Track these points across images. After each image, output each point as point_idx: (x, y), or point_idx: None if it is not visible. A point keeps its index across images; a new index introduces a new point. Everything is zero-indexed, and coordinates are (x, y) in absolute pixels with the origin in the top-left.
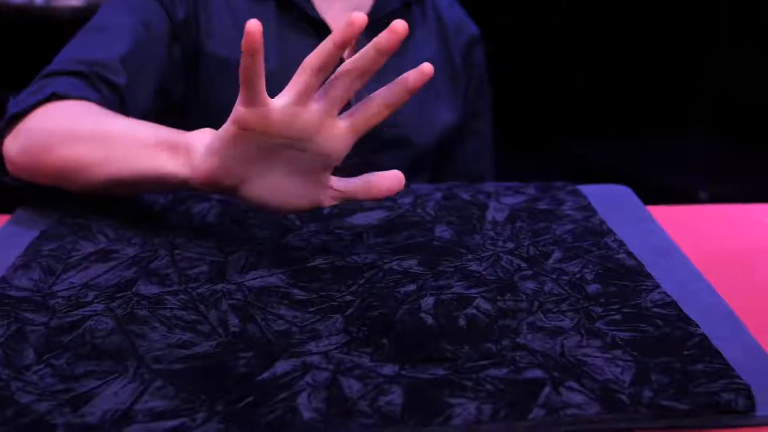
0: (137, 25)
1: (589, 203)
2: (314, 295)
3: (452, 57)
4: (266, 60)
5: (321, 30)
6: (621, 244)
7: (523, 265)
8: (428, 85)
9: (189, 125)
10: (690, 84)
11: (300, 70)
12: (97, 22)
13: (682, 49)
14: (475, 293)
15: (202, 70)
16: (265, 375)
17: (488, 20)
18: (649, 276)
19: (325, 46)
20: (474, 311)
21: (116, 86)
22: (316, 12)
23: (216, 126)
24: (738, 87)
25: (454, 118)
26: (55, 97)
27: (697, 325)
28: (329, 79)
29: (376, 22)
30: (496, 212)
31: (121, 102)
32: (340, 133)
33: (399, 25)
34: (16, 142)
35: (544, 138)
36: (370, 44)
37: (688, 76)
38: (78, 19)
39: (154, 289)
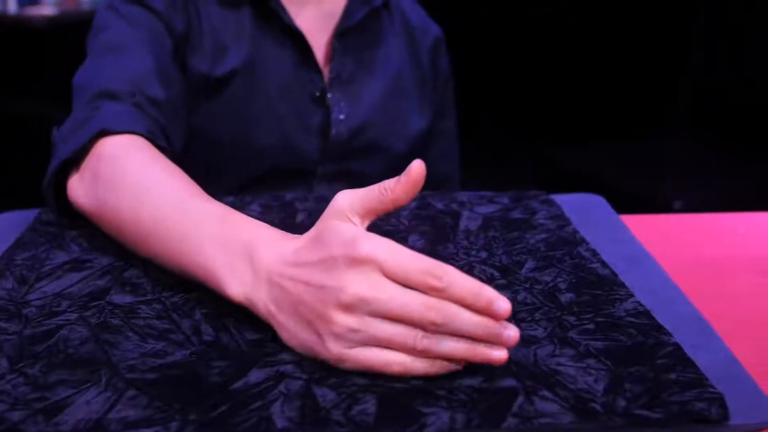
0: (149, 38)
1: (563, 212)
2: None
3: (420, 59)
4: (236, 57)
5: (294, 36)
6: (594, 253)
7: (497, 274)
8: (399, 92)
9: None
10: (665, 92)
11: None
12: (108, 43)
13: (658, 55)
14: None
15: (190, 89)
16: (239, 384)
17: (462, 25)
18: (622, 285)
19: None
20: None
21: (159, 102)
22: (291, 19)
23: (194, 147)
24: (713, 94)
25: (425, 121)
26: (104, 133)
27: (670, 334)
28: None
29: (346, 30)
30: (469, 221)
31: (167, 119)
32: None
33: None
34: (82, 186)
35: (517, 146)
36: None
37: (663, 85)
38: (51, 27)
39: (128, 299)
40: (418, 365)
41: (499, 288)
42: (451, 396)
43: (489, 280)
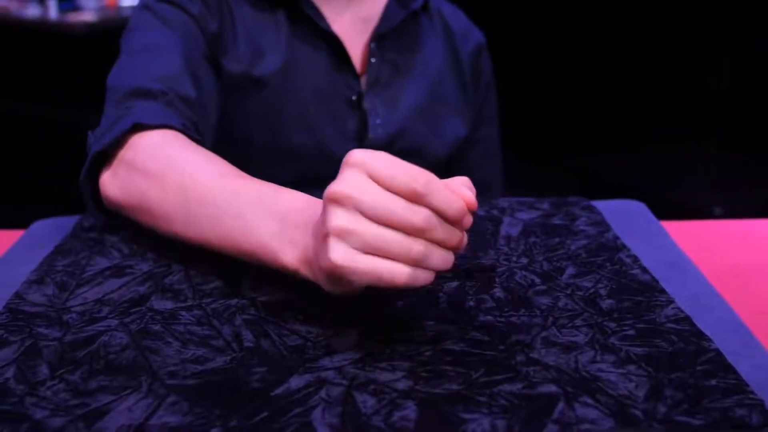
0: (183, 39)
1: (603, 219)
2: (328, 310)
3: (461, 65)
4: (272, 61)
5: (330, 40)
6: (635, 259)
7: (537, 280)
8: (438, 97)
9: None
10: (705, 98)
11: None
12: (142, 43)
13: (697, 60)
14: (489, 308)
15: (224, 91)
16: (279, 390)
17: (502, 33)
18: (663, 291)
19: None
20: (488, 326)
21: (191, 100)
22: (327, 23)
23: (227, 150)
24: (753, 101)
25: (464, 128)
26: (137, 127)
27: (710, 340)
28: None
29: (384, 34)
30: (510, 227)
31: (199, 117)
32: None
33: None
34: (116, 182)
35: (558, 153)
36: None
37: (704, 91)
38: (91, 33)
39: (168, 305)
40: (421, 275)
41: (539, 294)
42: (491, 402)
43: (529, 286)
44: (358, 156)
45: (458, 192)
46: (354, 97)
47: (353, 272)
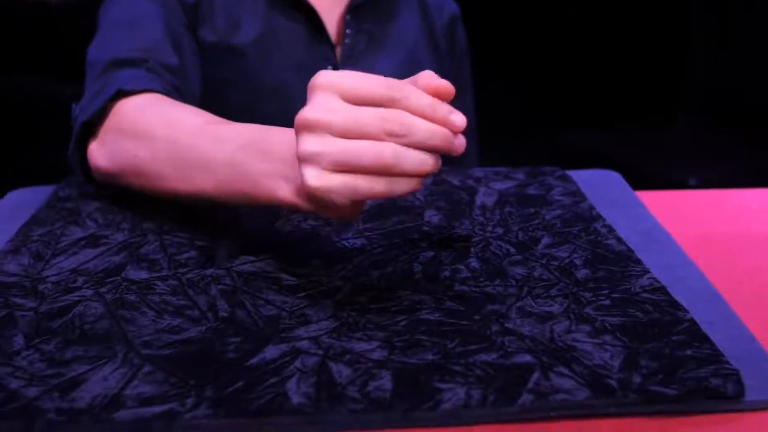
0: (161, 9)
1: (579, 189)
2: (304, 280)
3: (435, 37)
4: (248, 32)
5: (306, 11)
6: (610, 229)
7: (513, 250)
8: (414, 69)
9: None
10: (679, 70)
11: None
12: (121, 16)
13: (670, 35)
14: (465, 278)
15: (201, 61)
16: (255, 360)
17: (479, 4)
18: (638, 261)
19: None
20: (463, 296)
21: (173, 68)
22: None
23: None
24: (727, 74)
25: None
26: (121, 93)
27: (686, 311)
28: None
29: (359, 6)
30: (485, 197)
31: (182, 83)
32: None
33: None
34: (104, 150)
35: (533, 124)
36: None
37: (677, 62)
38: (69, 6)
39: (144, 275)
40: (400, 182)
41: (515, 264)
42: (467, 372)
43: (505, 256)
44: (322, 77)
45: (432, 83)
46: (330, 68)
47: (328, 191)
